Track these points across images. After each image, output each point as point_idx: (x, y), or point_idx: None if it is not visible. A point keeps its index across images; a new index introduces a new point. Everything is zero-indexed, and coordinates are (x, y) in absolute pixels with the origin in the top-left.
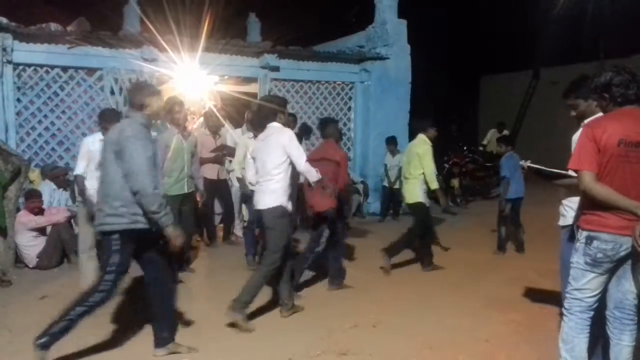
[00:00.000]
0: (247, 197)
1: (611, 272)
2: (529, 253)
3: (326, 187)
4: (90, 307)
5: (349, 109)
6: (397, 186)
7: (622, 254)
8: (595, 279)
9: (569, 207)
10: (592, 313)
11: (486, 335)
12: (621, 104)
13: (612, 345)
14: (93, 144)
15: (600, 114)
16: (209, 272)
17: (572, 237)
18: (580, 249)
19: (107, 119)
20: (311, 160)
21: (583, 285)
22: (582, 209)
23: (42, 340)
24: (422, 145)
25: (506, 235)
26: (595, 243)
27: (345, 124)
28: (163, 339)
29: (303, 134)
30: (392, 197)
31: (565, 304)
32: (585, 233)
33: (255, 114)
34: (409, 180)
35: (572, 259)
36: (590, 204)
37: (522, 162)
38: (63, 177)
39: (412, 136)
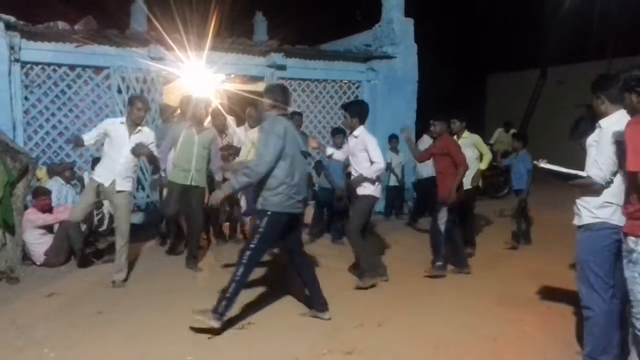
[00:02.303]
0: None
1: None
2: (537, 252)
3: None
4: None
5: None
6: (397, 184)
7: None
8: None
9: (583, 207)
10: None
11: (493, 334)
12: None
13: None
14: None
15: (614, 113)
16: (215, 269)
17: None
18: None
19: None
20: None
21: None
22: (633, 214)
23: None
24: None
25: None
26: None
27: None
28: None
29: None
30: (397, 196)
31: (635, 313)
32: None
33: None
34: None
35: (631, 274)
36: None
37: (536, 162)
38: (70, 172)
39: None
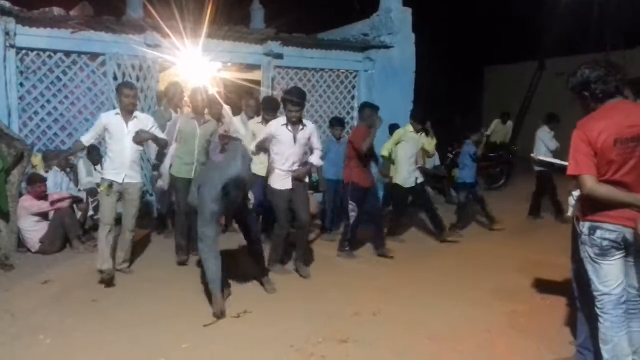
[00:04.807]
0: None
1: (625, 258)
2: (531, 244)
3: None
4: None
5: (352, 97)
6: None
7: (629, 239)
8: (611, 266)
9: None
10: (624, 307)
11: (487, 325)
12: (602, 100)
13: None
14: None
15: None
16: None
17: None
18: (586, 240)
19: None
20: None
21: (604, 277)
22: (580, 200)
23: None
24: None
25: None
26: (598, 232)
27: (348, 113)
28: None
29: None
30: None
31: (597, 304)
32: (587, 224)
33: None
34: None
35: (582, 254)
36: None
37: (533, 155)
38: (64, 159)
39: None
